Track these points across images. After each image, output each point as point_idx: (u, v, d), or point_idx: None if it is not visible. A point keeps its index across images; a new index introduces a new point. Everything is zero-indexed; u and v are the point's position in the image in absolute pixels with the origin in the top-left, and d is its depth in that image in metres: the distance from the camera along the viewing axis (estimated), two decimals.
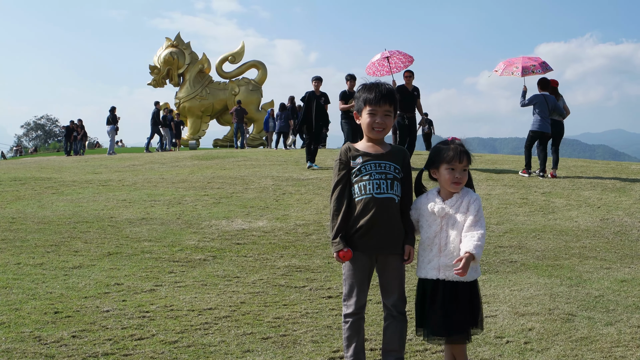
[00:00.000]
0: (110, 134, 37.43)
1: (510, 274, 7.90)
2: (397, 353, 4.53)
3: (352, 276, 4.50)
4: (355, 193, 4.49)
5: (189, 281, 7.33)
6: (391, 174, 4.48)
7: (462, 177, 4.46)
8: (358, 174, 4.48)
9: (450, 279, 4.38)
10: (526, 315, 6.17)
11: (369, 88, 4.58)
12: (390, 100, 4.53)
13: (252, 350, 5.16)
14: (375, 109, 4.51)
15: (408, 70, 19.39)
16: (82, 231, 9.96)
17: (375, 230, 4.42)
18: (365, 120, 4.56)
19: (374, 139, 4.60)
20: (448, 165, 4.44)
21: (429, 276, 4.44)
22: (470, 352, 5.20)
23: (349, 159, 4.54)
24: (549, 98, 16.88)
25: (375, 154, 4.53)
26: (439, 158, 4.50)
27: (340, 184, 4.54)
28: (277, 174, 17.88)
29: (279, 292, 6.96)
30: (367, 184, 4.43)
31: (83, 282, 7.13)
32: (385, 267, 4.54)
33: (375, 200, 4.41)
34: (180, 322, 5.85)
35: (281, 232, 10.15)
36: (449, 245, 4.39)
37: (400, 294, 4.53)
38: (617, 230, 10.52)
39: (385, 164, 4.50)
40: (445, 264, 4.38)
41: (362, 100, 4.59)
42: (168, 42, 49.71)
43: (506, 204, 12.86)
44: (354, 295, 4.49)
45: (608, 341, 5.46)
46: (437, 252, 4.43)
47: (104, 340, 5.29)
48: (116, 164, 22.93)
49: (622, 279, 7.60)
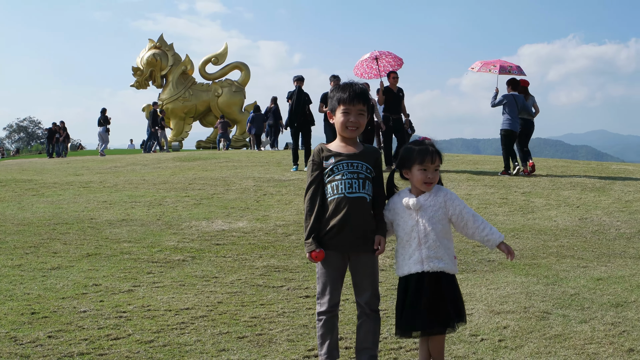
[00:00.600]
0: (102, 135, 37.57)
1: (488, 272, 7.96)
2: (370, 351, 4.57)
3: (325, 275, 4.54)
4: (328, 193, 4.52)
5: (167, 281, 7.35)
6: (363, 174, 4.52)
7: (434, 177, 4.51)
8: (331, 174, 4.52)
9: (435, 270, 4.43)
10: (502, 314, 6.22)
11: (343, 88, 4.62)
12: (363, 100, 4.57)
13: (228, 350, 5.19)
14: (349, 108, 4.55)
15: (394, 72, 19.27)
16: (62, 232, 9.96)
17: (347, 229, 4.45)
18: (339, 120, 4.60)
19: (347, 138, 4.63)
20: (420, 166, 4.48)
21: (412, 271, 4.47)
22: (444, 350, 5.25)
23: (322, 160, 4.57)
24: (518, 98, 17.41)
25: (347, 154, 4.56)
26: (410, 158, 4.53)
27: (314, 184, 4.57)
28: (259, 175, 17.92)
29: (257, 292, 6.98)
30: (339, 184, 4.47)
31: (61, 283, 7.13)
32: (357, 265, 4.57)
33: (347, 200, 4.45)
34: (156, 322, 5.87)
35: (261, 233, 10.18)
36: (428, 236, 4.45)
37: (373, 291, 4.57)
38: (595, 230, 10.60)
39: (357, 163, 4.53)
40: (427, 255, 4.43)
41: (335, 99, 4.62)
42: (151, 43, 49.60)
43: (486, 203, 12.94)
44: (327, 294, 4.52)
45: (581, 338, 5.51)
46: (417, 245, 4.47)
47: (80, 340, 5.31)
48: (98, 165, 22.88)
49: (598, 277, 7.66)
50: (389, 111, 18.95)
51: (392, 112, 18.96)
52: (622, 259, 8.60)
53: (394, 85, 19.05)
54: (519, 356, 5.11)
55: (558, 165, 20.80)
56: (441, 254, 4.44)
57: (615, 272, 7.92)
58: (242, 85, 50.76)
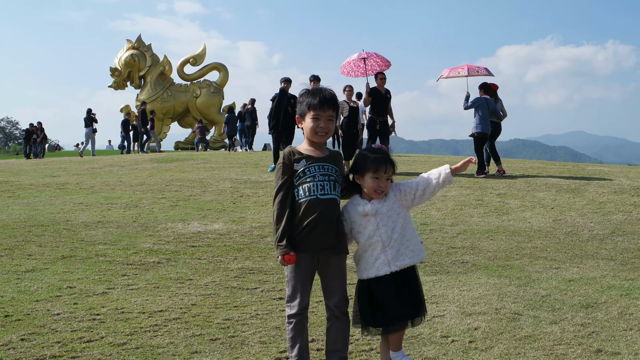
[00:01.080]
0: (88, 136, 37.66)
1: (461, 274, 8.02)
2: (340, 353, 4.61)
3: (294, 278, 4.56)
4: (299, 195, 4.54)
5: (142, 284, 7.36)
6: (333, 176, 4.56)
7: (385, 186, 4.58)
8: (302, 177, 4.54)
9: (403, 267, 4.53)
10: (473, 315, 6.27)
11: (313, 93, 4.64)
12: (333, 106, 4.60)
13: (200, 352, 5.21)
14: (319, 113, 4.57)
15: (381, 73, 18.77)
16: (37, 235, 9.93)
17: (319, 231, 4.48)
18: (308, 125, 4.62)
19: (316, 142, 4.67)
20: (374, 174, 4.54)
21: (380, 273, 4.54)
22: (415, 351, 5.30)
23: (292, 162, 4.59)
24: (489, 101, 17.94)
25: (317, 157, 4.59)
26: (365, 166, 4.59)
27: (284, 187, 4.58)
28: (236, 176, 17.93)
29: (231, 294, 7.01)
30: (311, 186, 4.49)
31: (35, 286, 7.12)
32: (327, 268, 4.60)
33: (320, 201, 4.48)
34: (130, 324, 5.88)
35: (236, 235, 10.20)
36: (391, 238, 4.52)
37: (342, 294, 4.61)
38: (568, 231, 10.70)
39: (327, 166, 4.57)
40: (393, 256, 4.52)
41: (305, 104, 4.64)
42: (129, 44, 49.49)
43: (461, 205, 13.02)
44: (298, 297, 4.54)
45: (551, 339, 5.57)
46: (382, 248, 4.54)
47: (53, 343, 5.31)
48: (75, 167, 22.79)
49: (569, 278, 7.74)
50: (376, 113, 18.50)
51: (379, 114, 18.50)
52: (594, 260, 8.69)
53: (381, 86, 18.57)
54: (489, 357, 5.16)
55: (534, 166, 20.97)
56: (405, 250, 4.54)
57: (586, 273, 8.00)
58: (220, 86, 50.76)
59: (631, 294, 6.99)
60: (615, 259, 8.79)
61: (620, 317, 6.17)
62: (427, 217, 11.82)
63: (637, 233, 10.49)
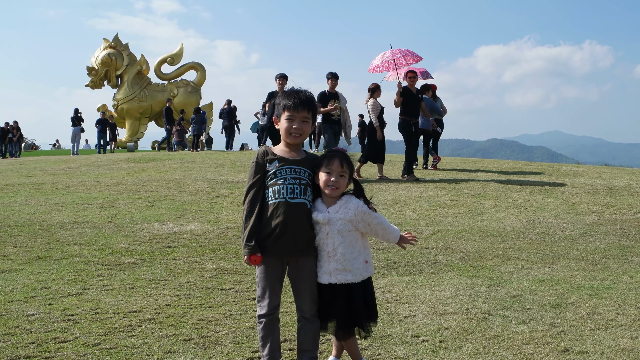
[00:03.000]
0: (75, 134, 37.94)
1: (434, 274, 8.10)
2: (310, 353, 4.67)
3: (264, 279, 4.62)
4: (268, 196, 4.58)
5: (117, 284, 7.38)
6: (305, 180, 4.60)
7: (339, 182, 4.60)
8: (273, 178, 4.59)
9: (342, 282, 4.60)
10: (444, 315, 6.35)
11: (289, 94, 4.68)
12: (308, 107, 4.64)
13: (174, 352, 5.25)
14: (294, 114, 4.61)
15: (411, 71, 17.69)
16: (12, 235, 9.92)
17: (286, 235, 4.52)
18: (283, 126, 4.67)
19: (291, 144, 4.72)
20: (325, 169, 4.59)
21: (322, 281, 4.64)
22: (385, 351, 5.37)
23: (265, 163, 4.65)
24: (427, 100, 18.47)
25: (291, 159, 4.63)
26: (319, 163, 4.67)
27: (255, 186, 4.64)
28: (212, 176, 17.95)
29: (205, 295, 7.05)
30: (280, 188, 4.54)
31: (10, 286, 7.13)
32: (295, 270, 4.67)
33: (287, 205, 4.52)
34: (104, 324, 5.91)
35: (212, 235, 10.24)
36: (336, 250, 4.59)
37: (311, 297, 4.66)
38: (541, 231, 10.82)
39: (300, 169, 4.61)
40: (335, 268, 4.59)
41: (281, 106, 4.69)
42: (106, 43, 49.40)
43: (436, 205, 13.12)
44: (267, 297, 4.60)
45: (519, 339, 5.66)
46: (327, 258, 4.62)
47: (27, 344, 5.33)
48: (51, 166, 22.68)
49: (540, 278, 7.84)
50: (408, 114, 17.32)
51: (412, 115, 17.36)
52: (565, 261, 8.81)
53: (412, 85, 17.49)
54: (458, 357, 5.24)
55: (510, 166, 21.14)
56: (349, 266, 4.60)
57: (557, 273, 8.11)
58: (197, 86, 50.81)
59: (600, 294, 7.10)
60: (586, 259, 8.91)
61: (588, 317, 6.27)
62: (401, 217, 11.91)
63: (608, 233, 10.62)
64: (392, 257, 8.87)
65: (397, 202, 13.40)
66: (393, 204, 13.19)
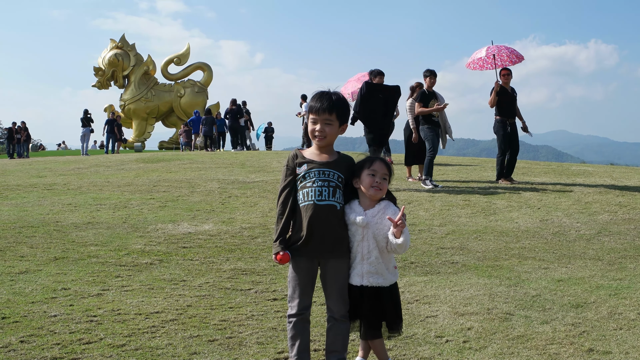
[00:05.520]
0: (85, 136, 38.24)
1: (452, 274, 8.10)
2: (339, 354, 4.67)
3: (295, 278, 4.64)
4: (299, 199, 4.60)
5: (136, 285, 7.39)
6: (334, 182, 4.60)
7: (382, 184, 4.63)
8: (302, 181, 4.60)
9: (374, 285, 4.64)
10: (465, 315, 6.35)
11: (316, 97, 4.68)
12: (330, 110, 4.64)
13: (199, 353, 5.26)
14: (316, 117, 4.63)
15: (505, 68, 16.73)
16: (28, 236, 9.95)
17: (315, 236, 4.54)
18: (309, 128, 4.69)
19: (319, 146, 4.73)
20: (369, 170, 4.61)
21: (353, 282, 4.67)
22: (410, 351, 5.37)
23: (295, 166, 4.66)
24: None
25: (320, 162, 4.64)
26: (361, 166, 4.69)
27: (286, 189, 4.66)
28: (223, 177, 17.96)
29: (225, 295, 7.06)
30: (309, 191, 4.55)
31: (30, 287, 7.15)
32: (326, 271, 4.67)
33: (315, 207, 4.53)
34: (127, 325, 5.92)
35: (227, 236, 10.25)
36: (371, 253, 4.62)
37: (341, 298, 4.67)
38: (555, 231, 10.81)
39: (328, 171, 4.61)
40: (368, 271, 4.63)
41: (309, 108, 4.73)
42: (113, 43, 49.49)
43: (449, 205, 13.11)
44: (297, 297, 4.62)
45: (543, 339, 5.65)
46: (360, 260, 4.64)
47: (52, 345, 5.34)
48: (61, 167, 22.73)
49: (558, 278, 7.83)
50: (504, 114, 16.47)
51: (507, 115, 16.50)
52: (582, 260, 8.80)
53: (506, 83, 16.64)
54: (483, 357, 5.23)
55: (519, 166, 21.08)
56: (381, 270, 4.65)
57: (575, 273, 8.10)
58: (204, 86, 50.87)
59: (620, 294, 7.09)
60: (602, 259, 8.90)
61: (610, 317, 6.26)
62: (415, 217, 11.90)
63: (623, 233, 10.61)
64: (409, 257, 8.87)
65: (410, 202, 13.39)
66: (405, 204, 13.16)
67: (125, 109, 49.06)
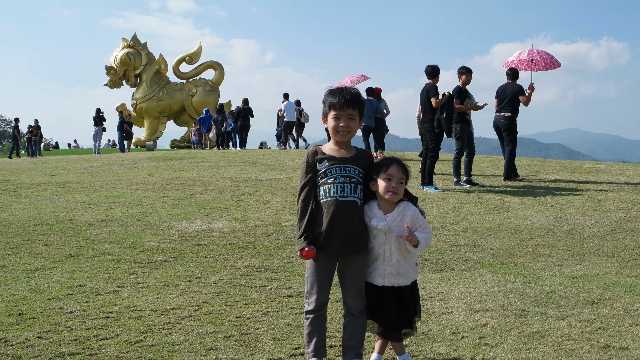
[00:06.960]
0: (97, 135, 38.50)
1: (466, 271, 8.10)
2: (356, 349, 4.68)
3: (313, 274, 4.64)
4: (320, 195, 4.61)
5: (151, 282, 7.42)
6: (355, 178, 4.60)
7: (398, 188, 4.63)
8: (323, 177, 4.60)
9: (395, 285, 4.67)
10: (481, 312, 6.34)
11: (334, 93, 4.68)
12: (353, 105, 4.64)
13: (215, 349, 5.27)
14: (339, 113, 4.63)
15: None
16: (42, 233, 10.00)
17: (336, 232, 4.54)
18: (330, 124, 4.67)
19: (339, 142, 4.72)
20: (385, 175, 4.61)
21: (374, 282, 4.68)
22: (426, 347, 5.37)
23: (315, 162, 4.66)
24: (372, 102, 21.86)
25: (340, 158, 4.64)
26: (378, 169, 4.68)
27: (307, 186, 4.66)
28: (236, 174, 17.99)
29: (240, 292, 7.08)
30: (331, 187, 4.55)
31: (45, 284, 7.19)
32: (345, 267, 4.67)
33: (338, 203, 4.54)
34: (143, 322, 5.94)
35: (241, 233, 10.27)
36: (392, 256, 4.63)
37: (359, 293, 4.68)
38: (569, 228, 10.79)
39: (349, 167, 4.62)
40: (389, 272, 4.65)
41: (327, 105, 4.70)
42: (124, 42, 49.60)
43: (462, 203, 13.10)
44: (315, 293, 4.63)
45: (559, 335, 5.64)
46: (382, 262, 4.66)
47: (70, 341, 5.37)
48: (73, 165, 22.81)
49: (573, 275, 7.82)
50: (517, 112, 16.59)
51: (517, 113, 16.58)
52: (596, 257, 8.78)
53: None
54: (499, 353, 5.23)
55: (532, 164, 21.06)
56: (403, 271, 4.67)
57: (589, 270, 8.09)
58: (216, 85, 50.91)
59: (635, 290, 7.07)
60: (616, 256, 8.89)
61: (625, 313, 6.25)
62: (428, 215, 11.89)
63: (636, 230, 10.59)
64: (423, 255, 8.85)
65: (423, 200, 13.39)
66: (419, 202, 13.15)
67: (137, 108, 49.18)
